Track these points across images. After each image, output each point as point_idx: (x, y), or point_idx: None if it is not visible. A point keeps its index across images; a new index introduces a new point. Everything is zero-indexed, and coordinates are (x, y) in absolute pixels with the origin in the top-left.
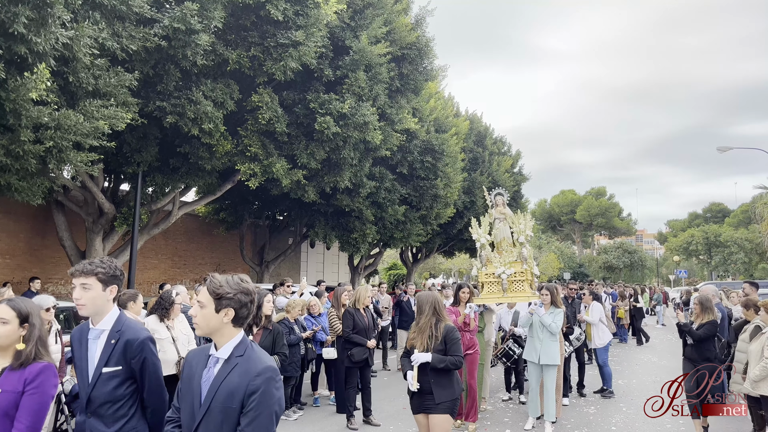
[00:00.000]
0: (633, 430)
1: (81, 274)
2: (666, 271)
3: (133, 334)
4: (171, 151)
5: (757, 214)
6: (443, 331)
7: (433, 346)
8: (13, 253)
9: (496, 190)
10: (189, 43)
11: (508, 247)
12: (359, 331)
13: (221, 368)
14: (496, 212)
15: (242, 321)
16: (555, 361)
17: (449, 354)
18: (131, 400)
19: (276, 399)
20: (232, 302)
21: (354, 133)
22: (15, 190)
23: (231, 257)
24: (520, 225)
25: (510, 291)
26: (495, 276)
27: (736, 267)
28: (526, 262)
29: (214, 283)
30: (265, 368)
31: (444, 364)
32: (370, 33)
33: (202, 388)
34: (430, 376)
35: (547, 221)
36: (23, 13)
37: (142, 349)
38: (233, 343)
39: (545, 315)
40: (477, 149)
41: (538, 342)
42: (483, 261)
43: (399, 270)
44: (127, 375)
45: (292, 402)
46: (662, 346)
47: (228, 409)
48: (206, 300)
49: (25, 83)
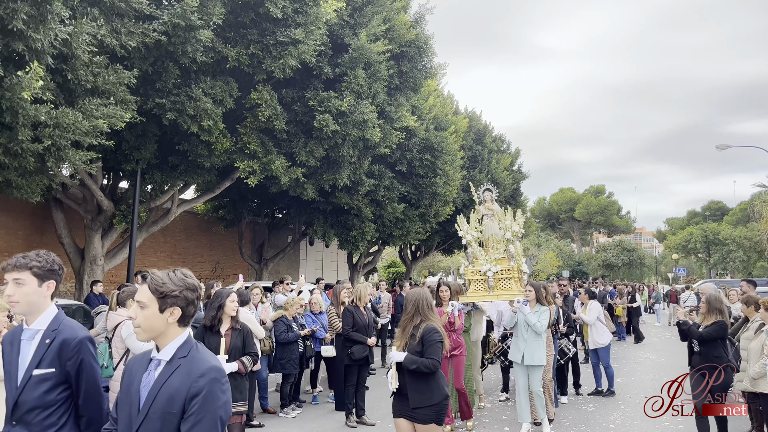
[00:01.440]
0: (631, 428)
1: (14, 268)
2: (665, 269)
3: (70, 333)
4: (170, 148)
5: (756, 212)
6: (422, 332)
7: (409, 346)
8: (11, 251)
9: (484, 185)
10: (189, 39)
11: (496, 244)
12: (359, 328)
13: (162, 371)
14: (484, 208)
15: (188, 320)
16: (540, 362)
17: (425, 356)
18: (64, 407)
19: (221, 403)
20: (178, 300)
21: (353, 130)
22: (14, 188)
23: (230, 255)
24: (507, 221)
25: (496, 289)
26: (481, 273)
27: (735, 265)
28: (514, 259)
29: (155, 280)
30: (209, 368)
31: (416, 365)
32: (369, 31)
33: (141, 394)
34: (406, 378)
35: (546, 219)
36: (22, 10)
37: (80, 349)
38: (177, 344)
39: (530, 314)
40: (476, 147)
41: (522, 342)
42: (470, 258)
43: (398, 268)
44: (61, 378)
45: (291, 399)
46: (661, 345)
47: (168, 415)
48: (148, 299)
49: (20, 82)
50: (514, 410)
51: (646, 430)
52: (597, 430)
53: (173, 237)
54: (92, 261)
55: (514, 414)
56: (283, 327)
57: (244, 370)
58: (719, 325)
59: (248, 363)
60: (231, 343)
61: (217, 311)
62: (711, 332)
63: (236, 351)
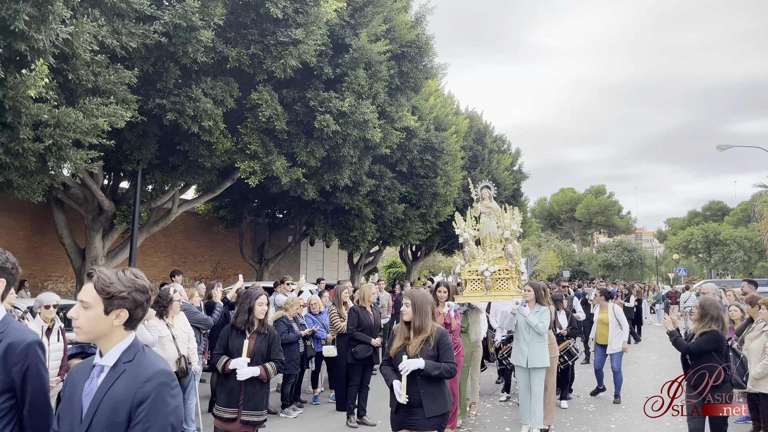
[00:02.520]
0: (632, 428)
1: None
2: (665, 270)
3: (17, 336)
4: (171, 148)
5: (757, 212)
6: (436, 335)
7: (423, 351)
8: (12, 251)
9: (482, 182)
10: (190, 39)
11: (494, 243)
12: (364, 328)
13: (106, 377)
14: (482, 206)
15: (135, 323)
16: (544, 364)
17: (442, 360)
18: (7, 418)
19: (171, 408)
20: (125, 302)
21: (354, 131)
22: (15, 188)
23: (230, 255)
24: (505, 220)
25: (493, 289)
26: (478, 273)
27: (736, 265)
28: (512, 258)
29: (102, 279)
30: (156, 372)
31: (438, 371)
32: (369, 31)
33: (83, 403)
34: (420, 386)
35: (547, 219)
36: (24, 10)
37: (27, 354)
38: (121, 348)
39: (530, 315)
40: (477, 147)
41: (525, 344)
42: (467, 257)
43: (398, 268)
44: (5, 386)
45: (292, 400)
46: (661, 345)
47: (113, 425)
48: (92, 300)
49: (24, 80)
50: (515, 410)
51: (647, 430)
52: (598, 430)
53: (174, 237)
54: (93, 261)
55: (515, 414)
56: (283, 327)
57: (266, 376)
58: (710, 336)
59: (272, 370)
60: (255, 346)
61: (248, 314)
62: (700, 345)
63: (260, 356)
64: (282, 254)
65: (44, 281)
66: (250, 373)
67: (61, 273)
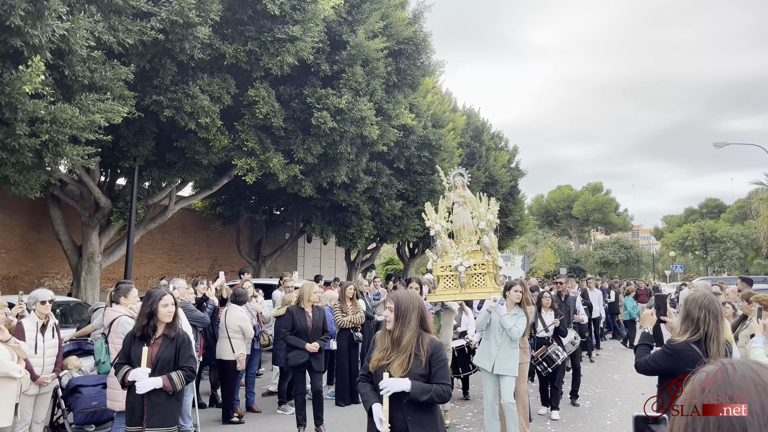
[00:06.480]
0: (628, 424)
1: None
2: (662, 267)
3: None
4: (167, 145)
5: (753, 209)
6: (429, 348)
7: (410, 369)
8: (8, 248)
9: (455, 169)
10: (187, 36)
11: (469, 235)
12: (298, 332)
13: None
14: (455, 195)
15: None
16: (512, 372)
17: (434, 381)
18: None
19: None
20: None
21: (351, 128)
22: (11, 184)
23: (227, 252)
24: (481, 209)
25: (469, 286)
26: (451, 269)
27: (732, 262)
28: (488, 252)
29: None
30: None
31: (429, 395)
32: (367, 28)
33: None
34: (407, 411)
35: (544, 216)
36: (20, 6)
37: None
38: None
39: (506, 316)
40: (474, 144)
41: (495, 346)
42: (438, 252)
43: (396, 265)
44: None
45: (289, 396)
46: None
47: None
48: None
49: (20, 76)
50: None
51: None
52: (594, 427)
53: (171, 234)
54: (90, 258)
55: None
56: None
57: (170, 387)
58: (663, 352)
59: (177, 379)
60: (158, 353)
61: (148, 319)
62: (649, 363)
63: (165, 364)
64: (279, 251)
65: (41, 278)
66: (151, 385)
67: (58, 270)
